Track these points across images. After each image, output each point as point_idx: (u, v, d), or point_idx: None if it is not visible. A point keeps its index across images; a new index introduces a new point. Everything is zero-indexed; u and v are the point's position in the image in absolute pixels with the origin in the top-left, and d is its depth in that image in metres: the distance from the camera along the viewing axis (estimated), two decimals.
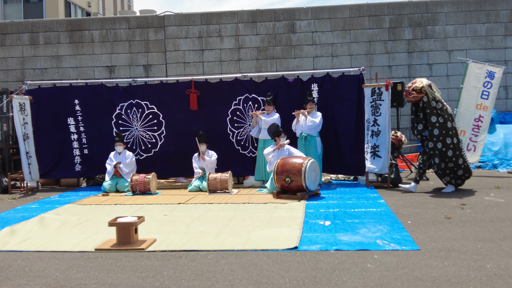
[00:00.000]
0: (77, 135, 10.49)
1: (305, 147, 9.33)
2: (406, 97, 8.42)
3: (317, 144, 9.44)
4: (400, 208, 7.04)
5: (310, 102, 9.49)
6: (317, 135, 9.47)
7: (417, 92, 8.19)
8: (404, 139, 9.87)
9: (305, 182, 7.97)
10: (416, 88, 8.19)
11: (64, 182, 10.69)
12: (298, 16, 13.86)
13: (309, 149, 9.28)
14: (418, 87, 8.18)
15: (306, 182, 7.97)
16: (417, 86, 8.19)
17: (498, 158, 11.54)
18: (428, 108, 8.18)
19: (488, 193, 8.09)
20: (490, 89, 10.21)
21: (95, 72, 14.25)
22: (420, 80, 8.36)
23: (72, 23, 14.51)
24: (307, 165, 8.01)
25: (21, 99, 9.91)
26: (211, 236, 5.69)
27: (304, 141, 9.37)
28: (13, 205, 8.43)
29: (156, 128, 10.29)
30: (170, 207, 7.72)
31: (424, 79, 8.39)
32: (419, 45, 13.69)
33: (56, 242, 5.67)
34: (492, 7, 13.61)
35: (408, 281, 4.04)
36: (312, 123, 9.32)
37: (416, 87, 8.19)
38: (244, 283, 4.14)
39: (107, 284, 4.22)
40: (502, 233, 5.48)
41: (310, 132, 9.37)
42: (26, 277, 4.45)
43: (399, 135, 9.82)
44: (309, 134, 9.37)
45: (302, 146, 9.35)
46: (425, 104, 8.20)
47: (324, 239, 5.43)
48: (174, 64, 14.13)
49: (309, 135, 9.37)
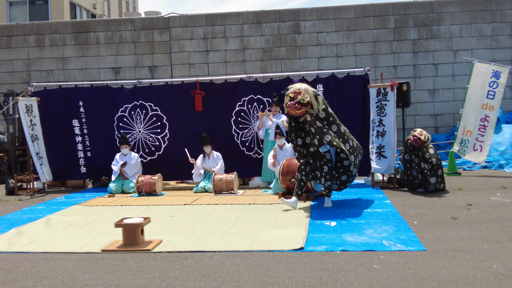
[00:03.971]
0: (81, 137, 10.51)
1: None
2: (292, 111, 6.89)
3: None
4: (406, 209, 7.02)
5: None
6: None
7: (304, 105, 6.86)
8: (424, 137, 8.35)
9: (311, 182, 7.96)
10: (303, 101, 6.84)
11: (70, 184, 10.72)
12: (303, 17, 13.86)
13: None
14: (305, 100, 6.85)
15: (312, 182, 7.96)
16: (304, 100, 6.85)
17: (504, 158, 11.49)
18: (319, 121, 7.09)
19: (494, 193, 8.06)
20: (496, 89, 10.17)
21: (101, 73, 14.29)
22: (304, 88, 6.93)
23: (78, 25, 14.57)
24: None
25: (28, 101, 9.96)
26: (217, 237, 5.69)
27: None
28: (19, 206, 8.47)
29: (160, 131, 10.28)
30: (176, 208, 7.74)
31: (309, 87, 7.04)
32: (425, 45, 13.66)
33: (63, 243, 5.69)
34: (497, 7, 13.56)
35: (414, 282, 4.03)
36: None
37: (303, 100, 6.85)
38: (250, 284, 4.14)
39: (113, 285, 4.23)
40: (508, 233, 5.46)
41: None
42: (33, 278, 4.47)
43: (417, 134, 8.42)
44: None
45: None
46: (312, 117, 7.08)
47: (330, 239, 5.43)
48: (179, 66, 14.15)
49: None
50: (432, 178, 8.27)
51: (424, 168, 8.29)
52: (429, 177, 8.27)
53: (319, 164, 7.26)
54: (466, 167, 11.31)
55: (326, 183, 7.26)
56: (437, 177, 8.30)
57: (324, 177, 7.22)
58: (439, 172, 8.33)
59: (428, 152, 8.37)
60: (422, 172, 8.34)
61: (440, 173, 8.35)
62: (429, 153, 8.36)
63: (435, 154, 8.42)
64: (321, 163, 7.25)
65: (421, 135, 8.38)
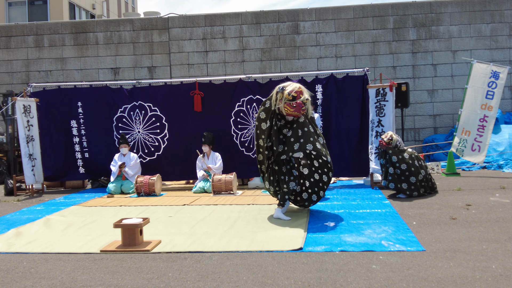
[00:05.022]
0: (78, 138, 10.50)
1: None
2: (298, 112, 6.33)
3: None
4: (405, 209, 7.02)
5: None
6: None
7: (304, 105, 6.38)
8: (388, 139, 8.05)
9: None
10: (305, 102, 6.36)
11: (69, 184, 10.72)
12: (302, 17, 13.87)
13: None
14: (305, 101, 6.36)
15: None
16: (306, 100, 6.37)
17: (504, 159, 11.50)
18: (311, 123, 6.66)
19: (493, 193, 8.06)
20: (495, 89, 10.18)
21: (100, 74, 14.29)
22: (304, 88, 6.48)
23: (77, 25, 14.56)
24: None
25: (26, 101, 9.95)
26: (216, 238, 5.69)
27: None
28: (18, 207, 8.46)
29: (159, 131, 10.28)
30: (175, 209, 7.73)
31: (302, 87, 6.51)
32: (424, 45, 13.67)
33: (62, 243, 5.69)
34: (496, 7, 13.57)
35: (413, 282, 4.03)
36: None
37: (306, 101, 6.37)
38: (249, 284, 4.14)
39: (112, 285, 4.23)
40: (507, 234, 5.46)
41: None
42: (31, 279, 4.46)
43: (383, 136, 8.21)
44: None
45: None
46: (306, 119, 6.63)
47: (329, 240, 5.43)
48: (179, 66, 14.16)
49: None
50: (403, 184, 7.93)
51: (395, 173, 7.97)
52: (398, 183, 7.96)
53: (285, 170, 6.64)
54: (465, 168, 11.32)
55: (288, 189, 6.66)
56: (409, 184, 7.91)
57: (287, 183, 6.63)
58: (411, 179, 7.90)
59: (398, 156, 7.97)
60: (392, 177, 8.01)
61: (414, 180, 7.89)
62: (398, 158, 7.94)
63: (409, 160, 7.96)
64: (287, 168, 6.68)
65: (386, 136, 8.08)
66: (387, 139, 8.05)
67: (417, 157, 8.20)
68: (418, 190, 7.96)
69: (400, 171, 7.96)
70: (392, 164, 8.02)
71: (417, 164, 8.09)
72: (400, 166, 7.96)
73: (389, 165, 8.06)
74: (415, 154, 8.20)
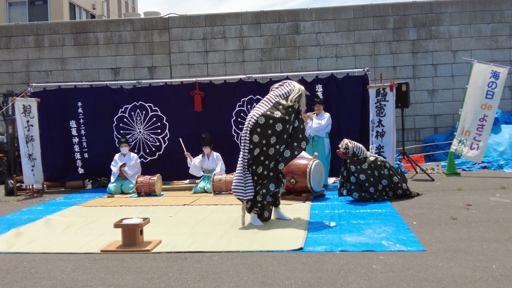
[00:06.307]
0: (78, 138, 10.51)
1: (313, 148, 9.26)
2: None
3: (324, 146, 9.40)
4: (406, 209, 7.02)
5: (317, 103, 9.43)
6: (325, 136, 9.42)
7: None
8: (344, 148, 7.69)
9: (310, 183, 7.96)
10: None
11: (69, 184, 10.72)
12: (302, 17, 13.87)
13: (316, 150, 9.23)
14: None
15: (311, 183, 7.96)
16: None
17: (504, 159, 11.50)
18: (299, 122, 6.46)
19: (493, 193, 8.06)
20: (495, 89, 10.17)
21: (100, 74, 14.29)
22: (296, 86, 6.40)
23: (77, 25, 14.57)
24: (312, 166, 8.00)
25: (26, 102, 9.94)
26: (216, 238, 5.69)
27: (312, 142, 9.33)
28: (18, 207, 8.47)
29: (160, 131, 10.29)
30: (175, 209, 7.74)
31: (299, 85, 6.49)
32: (424, 45, 13.67)
33: (62, 243, 5.69)
34: (496, 7, 13.58)
35: (413, 282, 4.03)
36: (318, 125, 9.29)
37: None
38: (249, 284, 4.14)
39: (112, 285, 4.23)
40: (508, 234, 5.46)
41: (317, 133, 9.34)
42: (32, 279, 4.46)
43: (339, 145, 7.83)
44: (316, 135, 9.34)
45: (309, 147, 9.28)
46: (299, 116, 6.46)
47: (329, 240, 5.43)
48: (179, 66, 14.16)
49: (316, 136, 9.34)
50: (366, 194, 7.67)
51: (357, 182, 7.68)
52: (360, 192, 7.68)
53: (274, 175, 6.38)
54: (465, 168, 11.32)
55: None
56: (370, 193, 7.64)
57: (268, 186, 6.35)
58: (371, 189, 7.61)
59: (356, 166, 7.66)
60: (355, 186, 7.67)
61: (373, 190, 7.61)
62: (356, 168, 7.65)
63: (367, 169, 7.62)
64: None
65: (342, 146, 7.71)
66: (343, 148, 7.67)
67: (381, 166, 7.75)
68: (382, 197, 7.70)
69: (360, 181, 7.69)
70: (351, 173, 7.73)
71: (379, 173, 7.70)
72: (359, 176, 7.65)
73: (350, 174, 7.75)
74: (380, 162, 7.79)
